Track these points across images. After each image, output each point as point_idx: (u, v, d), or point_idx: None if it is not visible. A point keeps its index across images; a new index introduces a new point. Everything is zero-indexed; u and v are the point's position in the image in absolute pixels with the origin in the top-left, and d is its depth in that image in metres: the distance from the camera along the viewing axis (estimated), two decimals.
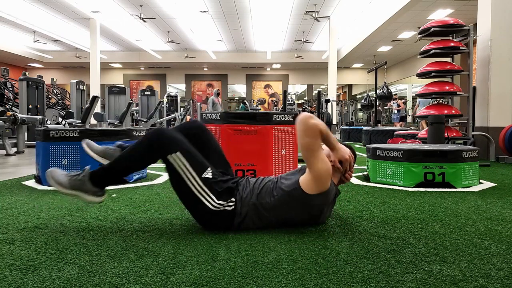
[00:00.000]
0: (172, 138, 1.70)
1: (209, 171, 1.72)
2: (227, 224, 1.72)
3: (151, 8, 13.94)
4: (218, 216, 1.70)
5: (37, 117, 6.97)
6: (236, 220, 1.72)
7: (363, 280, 1.23)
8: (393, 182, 3.11)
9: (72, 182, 1.72)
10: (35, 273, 1.27)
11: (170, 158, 1.67)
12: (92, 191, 1.72)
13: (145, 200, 2.45)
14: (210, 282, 1.21)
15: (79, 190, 1.72)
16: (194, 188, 1.68)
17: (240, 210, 1.71)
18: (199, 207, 1.70)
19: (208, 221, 1.74)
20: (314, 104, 21.00)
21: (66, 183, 1.72)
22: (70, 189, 1.72)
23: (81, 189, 1.72)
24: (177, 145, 1.69)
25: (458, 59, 7.90)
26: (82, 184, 1.72)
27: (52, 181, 1.73)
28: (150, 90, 14.01)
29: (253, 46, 20.71)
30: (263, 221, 1.75)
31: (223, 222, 1.72)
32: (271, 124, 2.96)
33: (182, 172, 1.68)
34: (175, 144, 1.69)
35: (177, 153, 1.67)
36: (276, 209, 1.73)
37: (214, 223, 1.73)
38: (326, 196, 1.75)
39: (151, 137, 1.70)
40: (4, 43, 18.76)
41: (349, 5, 13.66)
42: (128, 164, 1.74)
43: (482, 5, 5.64)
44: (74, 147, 2.97)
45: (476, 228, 1.86)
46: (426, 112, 5.26)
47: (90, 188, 1.72)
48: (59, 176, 1.74)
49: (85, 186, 1.72)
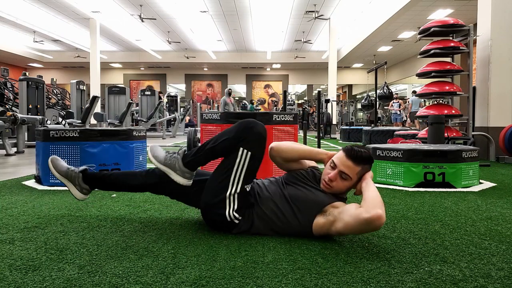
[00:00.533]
0: (258, 137, 1.70)
1: (250, 185, 1.73)
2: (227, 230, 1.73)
3: (151, 8, 13.94)
4: (224, 223, 1.70)
5: (37, 117, 6.97)
6: (235, 230, 1.72)
7: (363, 280, 1.23)
8: (393, 182, 3.10)
9: (167, 159, 1.75)
10: (35, 273, 1.27)
11: (240, 150, 1.67)
12: (181, 171, 1.73)
13: (145, 200, 2.45)
14: (210, 282, 1.21)
15: (171, 167, 1.74)
16: (229, 190, 1.67)
17: (242, 224, 1.71)
18: (218, 206, 1.68)
19: (213, 220, 1.74)
20: (314, 104, 21.01)
21: (162, 158, 1.76)
22: (163, 164, 1.75)
23: (173, 167, 1.74)
24: (254, 146, 1.69)
25: (458, 59, 7.90)
26: (175, 162, 1.74)
27: (150, 154, 1.78)
28: (150, 90, 14.03)
29: (253, 46, 20.72)
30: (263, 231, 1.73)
31: (225, 227, 1.72)
32: (271, 124, 2.96)
33: (235, 170, 1.68)
34: (255, 144, 1.69)
35: (248, 152, 1.67)
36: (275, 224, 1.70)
37: (218, 225, 1.74)
38: None
39: (245, 124, 1.70)
40: (4, 43, 18.76)
41: (349, 5, 13.67)
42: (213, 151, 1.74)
43: (482, 5, 5.64)
44: (74, 147, 2.97)
45: (476, 228, 1.86)
46: (426, 112, 5.26)
47: (181, 167, 1.73)
48: (158, 151, 1.79)
49: (176, 165, 1.74)
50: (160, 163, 1.76)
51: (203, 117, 3.25)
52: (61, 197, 2.54)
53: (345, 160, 1.62)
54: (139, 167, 3.28)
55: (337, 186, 1.64)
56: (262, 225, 1.69)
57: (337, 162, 1.64)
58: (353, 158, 1.62)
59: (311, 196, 1.66)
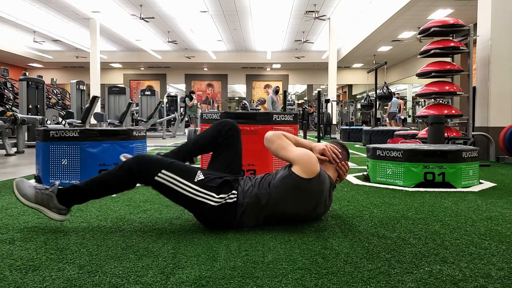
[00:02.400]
0: (152, 161, 1.71)
1: (200, 174, 1.74)
2: (229, 217, 1.72)
3: (151, 8, 13.95)
4: (220, 210, 1.71)
5: (37, 117, 6.97)
6: (239, 211, 1.72)
7: (363, 280, 1.23)
8: (393, 182, 3.10)
9: (38, 196, 1.69)
10: (35, 273, 1.27)
11: (158, 179, 1.68)
12: (57, 208, 1.70)
13: (145, 200, 2.45)
14: (210, 282, 1.21)
15: (44, 205, 1.68)
16: (192, 194, 1.69)
17: (242, 201, 1.72)
18: (203, 208, 1.70)
19: (212, 219, 1.74)
20: (314, 104, 21.00)
21: (31, 196, 1.68)
22: (34, 202, 1.68)
23: (46, 204, 1.68)
24: (159, 165, 1.70)
25: (458, 59, 7.89)
26: (49, 199, 1.69)
27: (17, 191, 1.68)
28: (150, 90, 14.02)
29: (253, 46, 20.72)
30: (264, 214, 1.75)
31: (225, 215, 1.72)
32: (271, 124, 2.96)
33: (175, 185, 1.69)
34: (157, 165, 1.70)
35: (162, 171, 1.68)
36: (275, 200, 1.73)
37: (217, 219, 1.74)
38: (320, 181, 1.76)
39: (131, 164, 1.70)
40: (4, 43, 18.76)
41: (349, 5, 13.67)
42: (102, 189, 1.74)
43: (482, 5, 5.64)
44: (74, 147, 2.97)
45: (476, 228, 1.86)
46: (426, 112, 5.26)
47: (56, 205, 1.69)
48: (25, 187, 1.69)
49: (50, 202, 1.69)
50: (30, 202, 1.67)
51: (203, 117, 3.25)
52: None
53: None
54: None
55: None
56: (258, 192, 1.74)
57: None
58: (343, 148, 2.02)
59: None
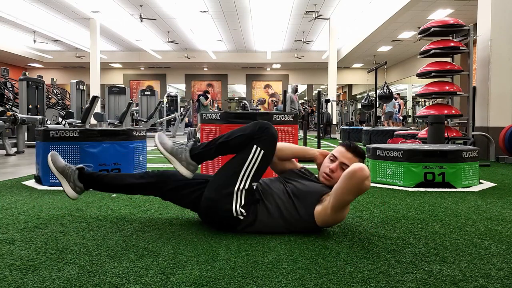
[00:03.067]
0: (272, 138, 1.73)
1: (256, 184, 1.76)
2: (230, 226, 1.72)
3: (151, 8, 13.94)
4: (229, 219, 1.69)
5: (37, 117, 6.97)
6: (239, 227, 1.71)
7: (363, 280, 1.23)
8: (393, 182, 3.10)
9: (174, 148, 1.77)
10: (35, 273, 1.27)
11: (253, 147, 1.70)
12: (186, 162, 1.75)
13: (145, 200, 2.45)
14: (210, 282, 1.21)
15: (176, 157, 1.76)
16: (238, 185, 1.69)
17: (246, 220, 1.70)
18: (225, 201, 1.68)
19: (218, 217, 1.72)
20: (314, 104, 21.00)
21: (169, 147, 1.78)
22: (169, 152, 1.77)
23: (178, 157, 1.75)
24: (267, 146, 1.71)
25: (458, 59, 7.90)
26: (182, 152, 1.75)
27: (157, 141, 1.79)
28: (150, 90, 14.02)
29: (253, 46, 20.71)
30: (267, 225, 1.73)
31: (229, 224, 1.71)
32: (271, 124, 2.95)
33: (246, 166, 1.69)
34: (268, 144, 1.72)
35: (262, 150, 1.70)
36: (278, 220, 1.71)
37: (220, 221, 1.73)
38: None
39: (261, 124, 1.73)
40: (4, 43, 18.75)
41: (349, 5, 13.66)
42: (226, 145, 1.76)
43: (482, 5, 5.64)
44: (74, 147, 2.97)
45: (476, 228, 1.86)
46: (426, 112, 5.26)
47: (187, 158, 1.75)
48: (165, 139, 1.81)
49: (183, 155, 1.75)
50: (166, 151, 1.77)
51: (203, 117, 3.25)
52: (61, 197, 2.54)
53: (345, 152, 1.77)
54: (139, 167, 3.28)
55: (337, 177, 1.71)
56: (265, 220, 1.70)
57: (337, 155, 1.78)
58: (353, 150, 1.77)
59: (311, 186, 1.75)
